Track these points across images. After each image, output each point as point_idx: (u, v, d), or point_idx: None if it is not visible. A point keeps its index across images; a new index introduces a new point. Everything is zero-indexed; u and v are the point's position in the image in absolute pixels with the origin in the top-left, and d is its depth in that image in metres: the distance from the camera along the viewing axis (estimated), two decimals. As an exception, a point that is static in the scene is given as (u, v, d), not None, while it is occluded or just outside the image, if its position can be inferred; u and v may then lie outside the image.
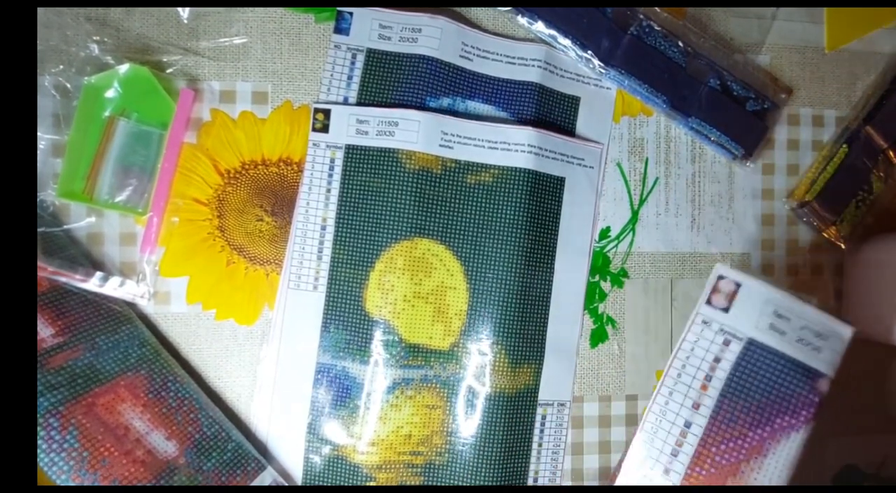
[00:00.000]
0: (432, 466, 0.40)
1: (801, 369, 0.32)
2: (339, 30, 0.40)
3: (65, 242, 0.38)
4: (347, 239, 0.40)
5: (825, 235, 0.45)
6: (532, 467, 0.41)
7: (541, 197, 0.41)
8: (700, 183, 0.44)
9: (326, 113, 0.40)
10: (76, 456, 0.33)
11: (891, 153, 0.44)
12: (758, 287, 0.32)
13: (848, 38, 0.46)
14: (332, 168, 0.40)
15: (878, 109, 0.44)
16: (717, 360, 0.32)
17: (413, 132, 0.39)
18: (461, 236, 0.40)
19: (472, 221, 0.40)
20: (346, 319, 0.39)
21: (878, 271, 0.43)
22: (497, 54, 0.41)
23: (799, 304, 0.32)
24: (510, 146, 0.40)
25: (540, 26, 0.41)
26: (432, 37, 0.40)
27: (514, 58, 0.41)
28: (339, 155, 0.40)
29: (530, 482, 0.41)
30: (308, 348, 0.39)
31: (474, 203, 0.40)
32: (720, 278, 0.33)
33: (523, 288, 0.40)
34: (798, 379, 0.32)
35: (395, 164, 0.39)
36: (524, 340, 0.40)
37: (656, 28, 0.42)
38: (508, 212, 0.40)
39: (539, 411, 0.41)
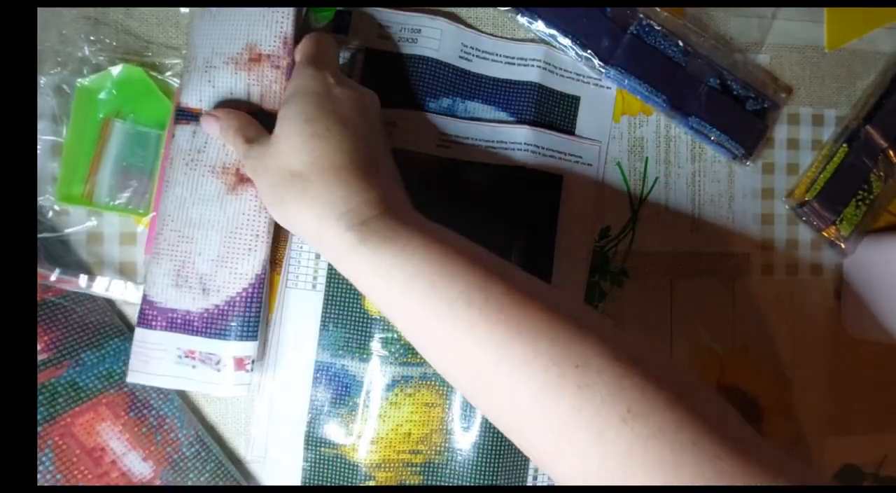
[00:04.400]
0: (432, 464, 0.40)
1: None
2: (338, 29, 0.40)
3: (65, 248, 0.38)
4: None
5: (825, 234, 0.45)
6: (531, 464, 0.41)
7: (538, 195, 0.41)
8: (700, 182, 0.44)
9: None
10: (50, 479, 0.33)
11: (891, 153, 0.44)
12: None
13: (848, 37, 0.46)
14: None
15: (878, 108, 0.44)
16: None
17: (411, 132, 0.39)
18: (460, 235, 0.40)
19: (469, 220, 0.40)
20: (345, 317, 0.39)
21: (877, 271, 0.43)
22: (497, 55, 0.41)
23: None
24: (507, 145, 0.40)
25: (540, 26, 0.41)
26: (432, 37, 0.40)
27: (513, 58, 0.41)
28: None
29: (530, 481, 0.41)
30: (307, 347, 0.39)
31: (472, 202, 0.40)
32: None
33: None
34: None
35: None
36: None
37: (656, 27, 0.42)
38: (506, 210, 0.40)
39: None
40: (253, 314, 0.35)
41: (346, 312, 0.39)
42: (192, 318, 0.35)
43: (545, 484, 0.41)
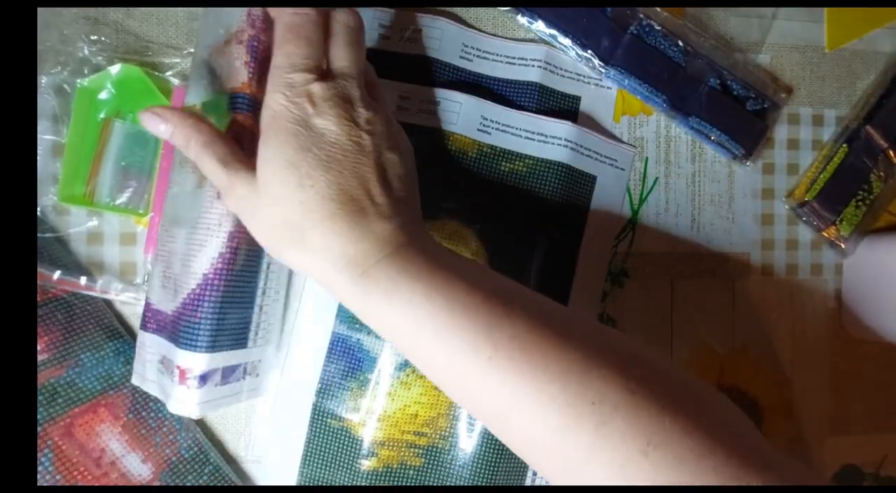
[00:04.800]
0: (434, 448, 0.39)
1: None
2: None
3: (65, 248, 0.38)
4: None
5: (825, 234, 0.45)
6: None
7: (571, 192, 0.41)
8: (700, 183, 0.44)
9: None
10: (49, 479, 0.32)
11: (891, 153, 0.44)
12: None
13: (848, 37, 0.46)
14: None
15: (879, 108, 0.44)
16: None
17: (454, 113, 0.39)
18: (490, 222, 0.40)
19: (502, 208, 0.40)
20: None
21: (877, 271, 0.43)
22: (497, 55, 0.41)
23: None
24: (547, 138, 0.40)
25: (540, 26, 0.41)
26: (432, 37, 0.40)
27: (514, 58, 0.41)
28: None
29: (530, 475, 0.40)
30: (326, 317, 0.39)
31: (506, 191, 0.40)
32: None
33: (542, 281, 0.40)
34: None
35: (432, 142, 0.39)
36: None
37: (656, 27, 0.42)
38: (538, 203, 0.40)
39: None
40: (197, 321, 0.32)
41: None
42: (168, 320, 0.33)
43: (544, 483, 0.41)
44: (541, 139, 0.40)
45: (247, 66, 0.31)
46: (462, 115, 0.39)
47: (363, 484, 0.39)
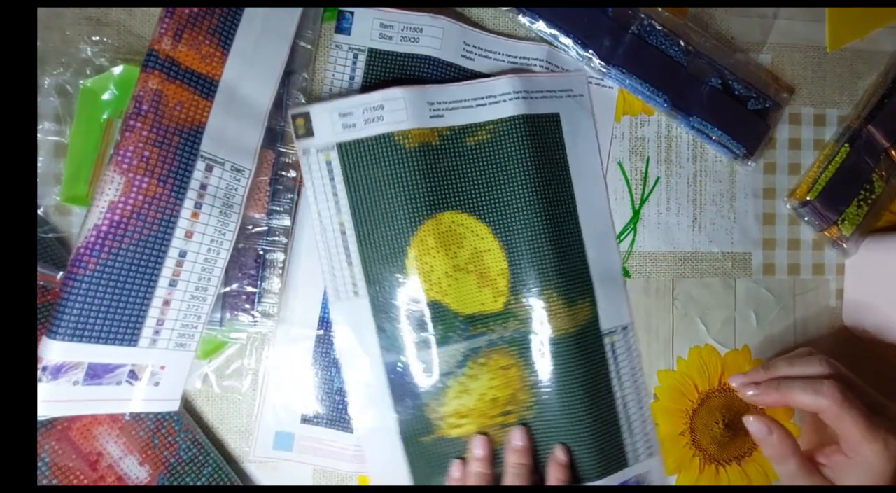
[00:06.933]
0: (525, 421, 0.40)
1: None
2: (340, 29, 0.40)
3: (67, 249, 0.37)
4: (371, 237, 0.39)
5: (826, 234, 0.45)
6: (617, 393, 0.41)
7: (541, 137, 0.41)
8: (701, 182, 0.44)
9: (306, 116, 0.38)
10: (45, 484, 0.33)
11: (892, 152, 0.44)
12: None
13: (849, 37, 0.46)
14: (330, 171, 0.39)
15: (880, 108, 0.44)
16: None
17: (401, 110, 0.38)
18: (479, 199, 0.40)
19: (484, 180, 0.40)
20: (397, 313, 0.39)
21: (879, 271, 0.43)
22: (498, 54, 0.41)
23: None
24: (497, 98, 0.40)
25: (541, 25, 0.41)
26: (434, 37, 0.40)
27: (515, 57, 0.41)
28: (334, 155, 0.38)
29: (620, 409, 0.41)
30: (372, 353, 0.39)
31: (481, 163, 0.40)
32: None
33: (552, 227, 0.40)
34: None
35: (393, 147, 0.38)
36: (570, 278, 0.40)
37: (657, 27, 0.42)
38: (515, 161, 0.40)
39: (606, 340, 0.41)
40: (60, 302, 0.29)
41: (396, 308, 0.39)
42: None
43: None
44: (491, 101, 0.40)
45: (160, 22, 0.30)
46: (409, 109, 0.38)
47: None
